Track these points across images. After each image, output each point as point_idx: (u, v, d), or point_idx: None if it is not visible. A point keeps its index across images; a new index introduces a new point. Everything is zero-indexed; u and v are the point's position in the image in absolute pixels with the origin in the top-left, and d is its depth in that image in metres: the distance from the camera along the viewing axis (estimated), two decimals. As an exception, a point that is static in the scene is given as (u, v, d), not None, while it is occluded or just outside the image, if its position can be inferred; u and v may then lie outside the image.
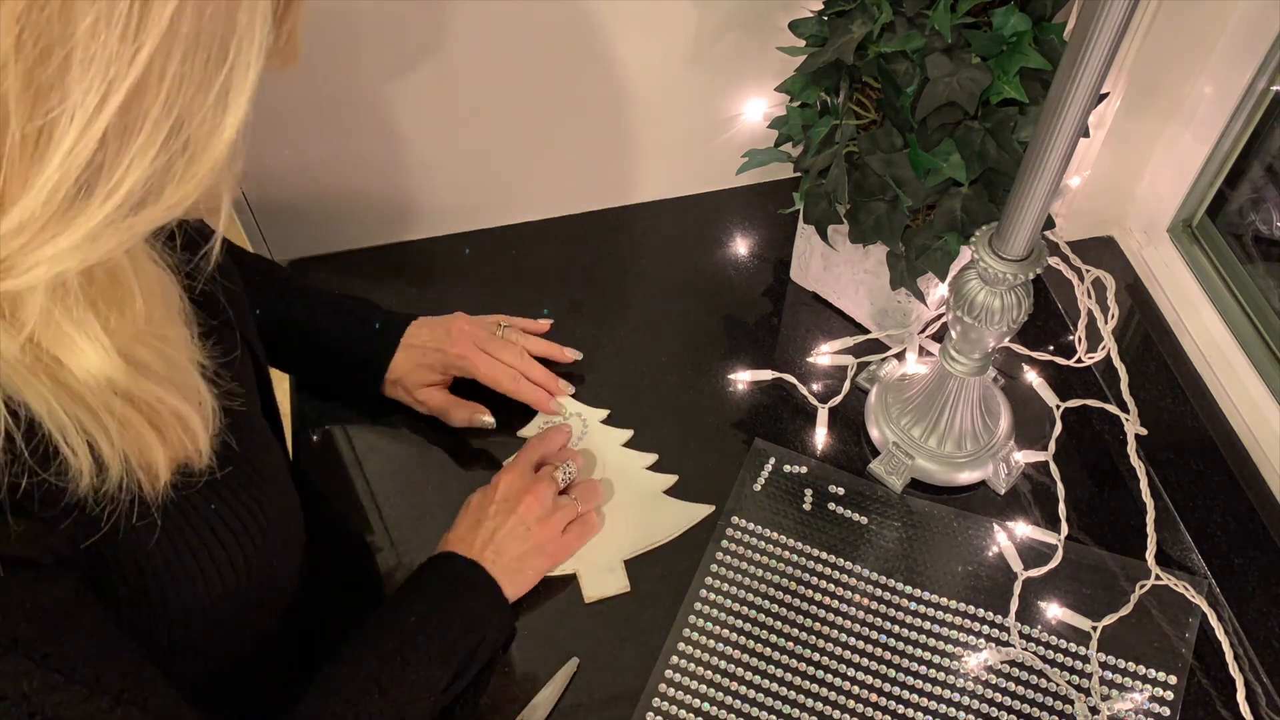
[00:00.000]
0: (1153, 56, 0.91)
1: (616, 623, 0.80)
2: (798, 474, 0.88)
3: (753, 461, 0.89)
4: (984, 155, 0.78)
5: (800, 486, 0.87)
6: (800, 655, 0.78)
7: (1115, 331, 0.92)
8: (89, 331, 0.43)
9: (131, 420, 0.48)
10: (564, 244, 1.06)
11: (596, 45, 0.93)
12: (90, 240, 0.39)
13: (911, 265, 0.85)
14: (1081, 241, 1.09)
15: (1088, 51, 0.57)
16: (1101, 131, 0.98)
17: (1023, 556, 0.83)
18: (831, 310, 1.00)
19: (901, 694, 0.77)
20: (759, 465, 0.89)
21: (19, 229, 0.38)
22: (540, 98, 0.96)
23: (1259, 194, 0.97)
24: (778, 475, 0.88)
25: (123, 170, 0.38)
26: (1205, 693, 0.77)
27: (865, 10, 0.78)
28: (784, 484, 0.88)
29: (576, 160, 1.04)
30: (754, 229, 1.07)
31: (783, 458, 0.89)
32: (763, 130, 0.92)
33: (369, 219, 1.04)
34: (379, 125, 0.95)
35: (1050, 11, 0.76)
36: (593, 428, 0.91)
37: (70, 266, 0.40)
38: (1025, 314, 0.75)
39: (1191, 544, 0.84)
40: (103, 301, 0.44)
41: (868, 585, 0.82)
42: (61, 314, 0.42)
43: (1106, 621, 0.79)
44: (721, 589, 0.82)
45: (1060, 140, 0.62)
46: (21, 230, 0.38)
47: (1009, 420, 0.88)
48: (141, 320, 0.47)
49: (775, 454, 0.89)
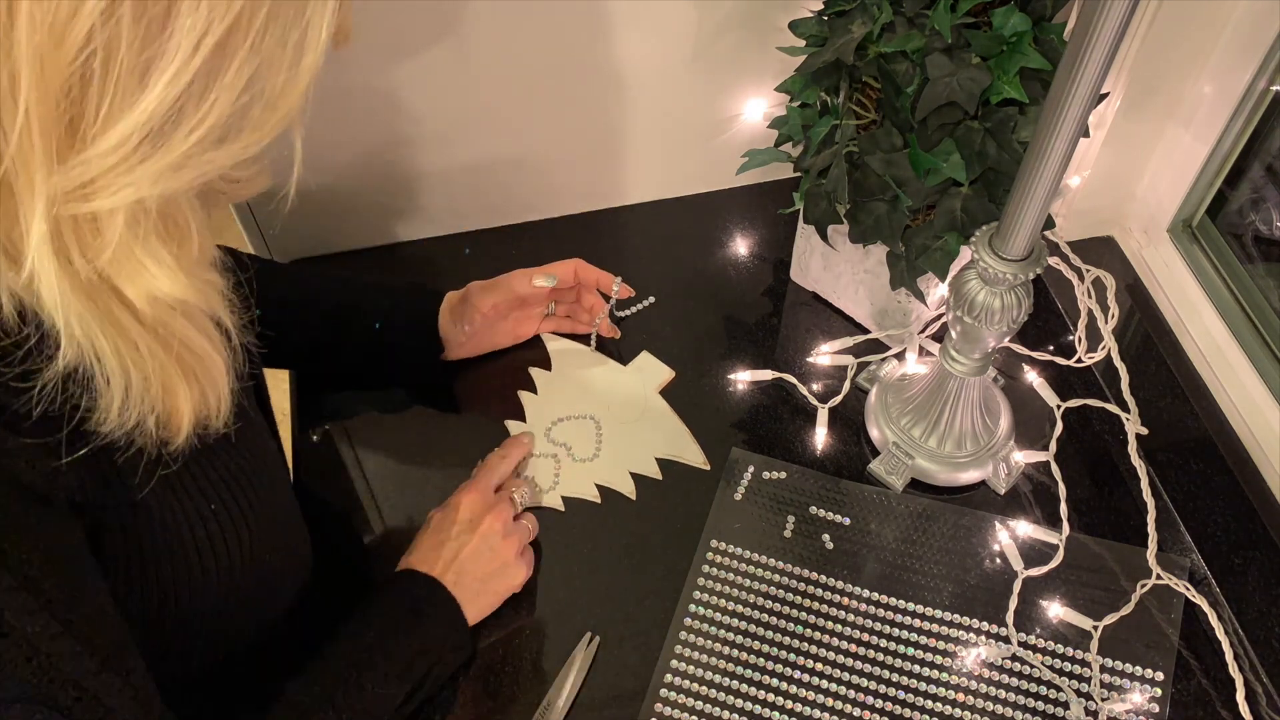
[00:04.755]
0: (1153, 56, 0.91)
1: (591, 619, 0.80)
2: (777, 480, 0.88)
3: (731, 471, 0.88)
4: (984, 155, 0.78)
5: (783, 492, 0.87)
6: (795, 661, 0.78)
7: (1115, 331, 0.92)
8: (160, 258, 0.46)
9: (164, 361, 0.49)
10: (563, 244, 1.06)
11: (597, 45, 0.93)
12: (174, 170, 0.43)
13: (911, 265, 0.85)
14: (1081, 241, 1.09)
15: (1088, 51, 0.57)
16: (1101, 131, 0.98)
17: (1023, 556, 0.83)
18: (831, 310, 1.00)
19: (901, 695, 0.77)
20: (738, 474, 0.88)
21: (113, 149, 0.41)
22: (540, 98, 0.96)
23: (1259, 194, 0.97)
24: (758, 483, 0.88)
25: (209, 106, 0.42)
26: (1205, 693, 0.77)
27: (865, 10, 0.78)
28: (765, 491, 0.87)
29: (576, 160, 1.04)
30: (754, 229, 1.07)
31: (761, 465, 0.89)
32: (763, 130, 0.92)
33: (369, 219, 1.04)
34: (379, 125, 0.95)
35: (1050, 11, 0.76)
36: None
37: (153, 193, 0.43)
38: (1025, 314, 0.75)
39: (1191, 544, 0.84)
40: (168, 234, 0.47)
41: (860, 588, 0.82)
42: (136, 241, 0.45)
43: (1107, 621, 0.79)
44: (712, 602, 0.81)
45: (1060, 140, 0.62)
46: (115, 151, 0.41)
47: (1009, 420, 0.88)
48: (195, 262, 0.49)
49: (754, 462, 0.89)
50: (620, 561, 0.83)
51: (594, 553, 0.84)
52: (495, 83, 0.94)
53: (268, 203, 0.53)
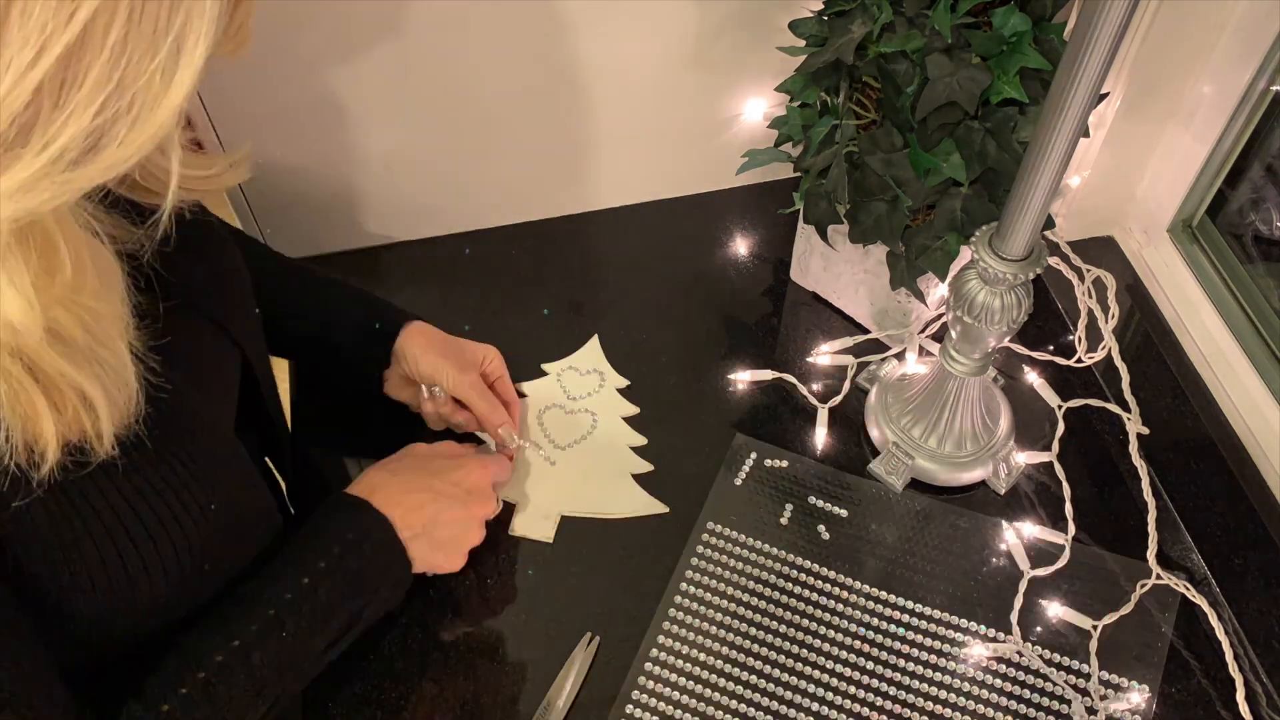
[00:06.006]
0: (1153, 56, 0.91)
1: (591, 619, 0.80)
2: (779, 468, 0.88)
3: (733, 457, 0.89)
4: (984, 155, 0.78)
5: (783, 481, 0.87)
6: (782, 646, 0.78)
7: (1115, 331, 0.92)
8: (17, 282, 0.43)
9: (26, 386, 0.47)
10: (564, 244, 1.06)
11: (597, 45, 0.93)
12: (25, 190, 0.40)
13: (911, 265, 0.85)
14: (1081, 241, 1.09)
15: (1088, 51, 0.57)
16: (1101, 131, 0.98)
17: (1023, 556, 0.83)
18: (831, 310, 1.00)
19: (893, 690, 0.77)
20: (740, 460, 0.89)
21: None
22: (540, 97, 0.96)
23: (1259, 194, 0.97)
24: (759, 470, 0.88)
25: (60, 123, 0.40)
26: (1205, 693, 0.77)
27: (865, 10, 0.78)
28: (766, 479, 0.88)
29: (577, 160, 1.04)
30: (754, 229, 1.07)
31: (764, 453, 0.89)
32: (763, 130, 0.92)
33: (369, 219, 1.04)
34: (380, 125, 0.95)
35: (1050, 11, 0.76)
36: (607, 389, 0.94)
37: (4, 213, 0.41)
38: (1025, 314, 0.75)
39: (1191, 544, 0.84)
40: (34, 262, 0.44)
41: (856, 581, 0.82)
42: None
43: (1107, 621, 0.79)
44: (702, 583, 0.81)
45: (1060, 140, 0.62)
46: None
47: (1009, 420, 0.88)
48: (69, 289, 0.46)
49: (756, 449, 0.89)
50: (620, 562, 0.83)
51: (594, 553, 0.84)
52: (495, 82, 0.94)
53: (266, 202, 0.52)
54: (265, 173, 0.95)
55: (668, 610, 0.80)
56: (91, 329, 0.49)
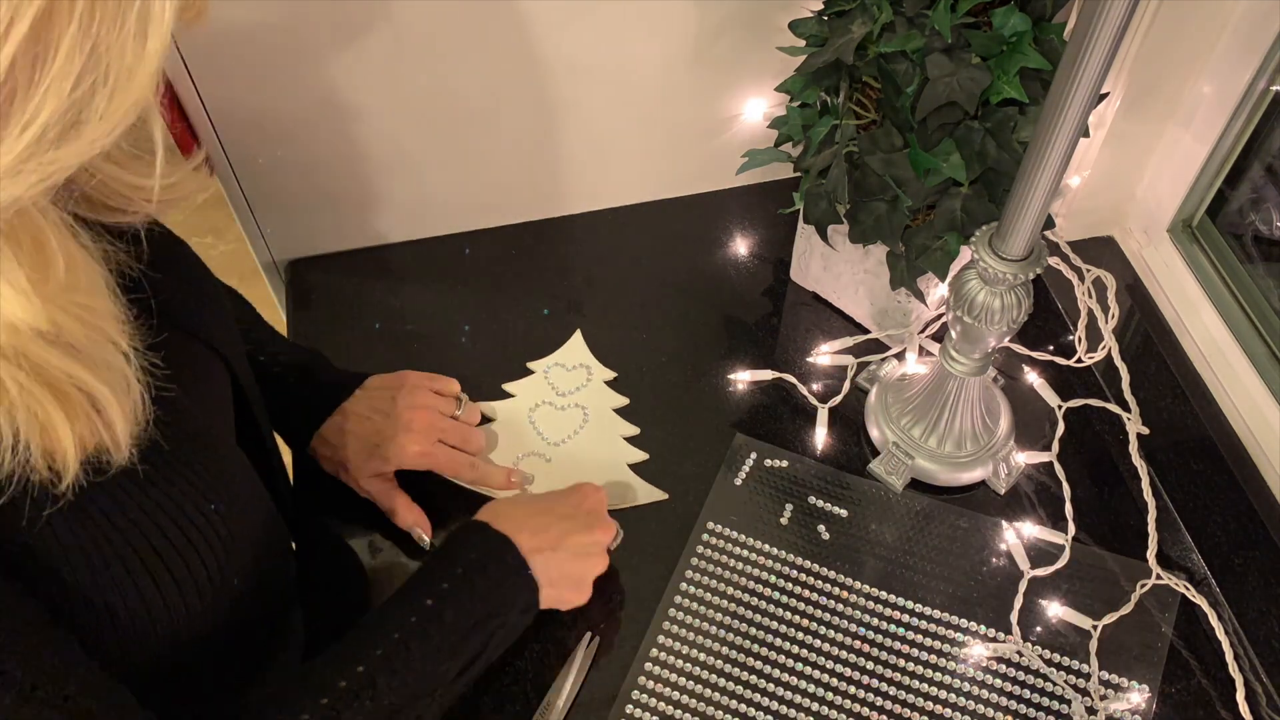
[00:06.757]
0: (1153, 56, 0.91)
1: (591, 619, 0.80)
2: (779, 468, 0.88)
3: (733, 457, 0.89)
4: (984, 155, 0.78)
5: (782, 481, 0.87)
6: (782, 646, 0.78)
7: (1115, 331, 0.92)
8: (12, 279, 0.43)
9: (35, 394, 0.46)
10: (564, 244, 1.06)
11: (597, 45, 0.93)
12: (12, 175, 0.40)
13: (911, 265, 0.85)
14: (1081, 241, 1.09)
15: (1088, 51, 0.57)
16: (1101, 131, 0.98)
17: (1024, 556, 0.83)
18: (831, 310, 1.00)
19: (900, 694, 0.77)
20: (740, 460, 0.89)
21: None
22: (539, 98, 0.96)
23: (1259, 194, 0.97)
24: (759, 470, 0.88)
25: (38, 100, 0.39)
26: (1205, 693, 0.77)
27: (865, 10, 0.78)
28: (766, 479, 0.88)
29: (576, 160, 1.04)
30: (754, 229, 1.07)
31: (764, 453, 0.89)
32: (763, 130, 0.92)
33: (369, 219, 1.04)
34: (379, 125, 0.95)
35: (1050, 11, 0.76)
36: (595, 383, 0.93)
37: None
38: (1025, 314, 0.75)
39: (1191, 544, 0.84)
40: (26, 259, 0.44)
41: (856, 581, 0.82)
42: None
43: (1107, 620, 0.79)
44: (702, 583, 0.81)
45: (1060, 140, 0.62)
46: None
47: (1009, 420, 0.88)
48: (63, 287, 0.46)
49: (756, 449, 0.89)
50: (620, 562, 0.83)
51: (594, 553, 0.84)
52: (496, 82, 0.94)
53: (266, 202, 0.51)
54: (265, 173, 0.95)
55: (668, 610, 0.80)
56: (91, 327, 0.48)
